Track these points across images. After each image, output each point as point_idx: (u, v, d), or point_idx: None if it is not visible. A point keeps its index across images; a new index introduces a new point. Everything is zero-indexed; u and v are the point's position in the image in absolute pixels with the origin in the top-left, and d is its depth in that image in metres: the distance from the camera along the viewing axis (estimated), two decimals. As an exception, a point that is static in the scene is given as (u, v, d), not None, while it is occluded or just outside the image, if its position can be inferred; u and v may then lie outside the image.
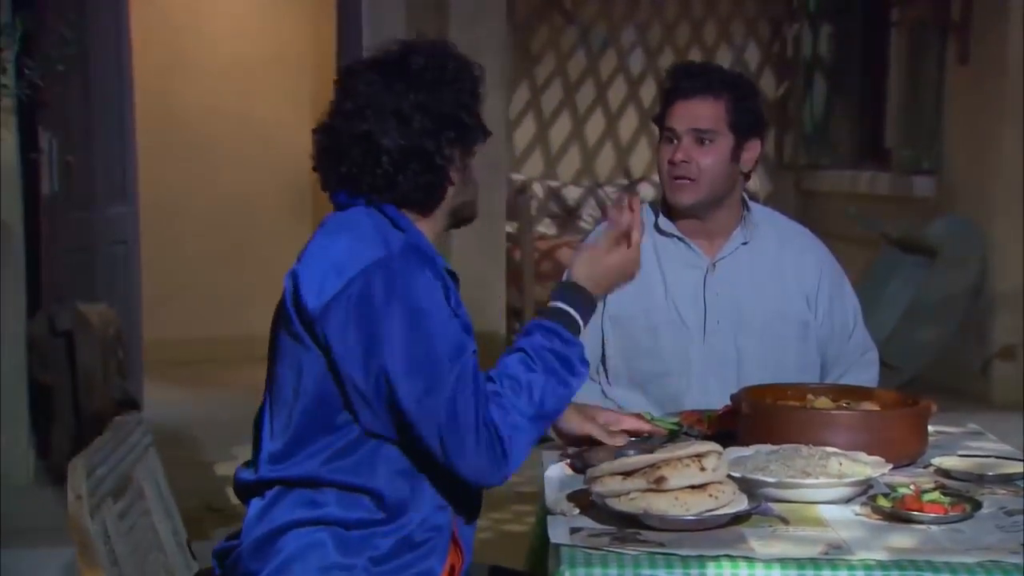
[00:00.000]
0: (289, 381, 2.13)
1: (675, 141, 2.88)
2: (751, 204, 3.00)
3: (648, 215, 3.02)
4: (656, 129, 3.00)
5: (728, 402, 2.56)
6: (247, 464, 2.23)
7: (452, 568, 2.17)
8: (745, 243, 2.94)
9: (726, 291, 2.90)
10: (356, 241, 2.11)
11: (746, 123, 2.87)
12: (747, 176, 2.96)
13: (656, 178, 7.99)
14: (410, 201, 2.18)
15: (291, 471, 2.12)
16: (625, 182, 8.21)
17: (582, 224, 8.01)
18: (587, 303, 2.22)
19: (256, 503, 2.17)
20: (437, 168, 2.16)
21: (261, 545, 2.12)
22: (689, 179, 2.86)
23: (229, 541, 2.23)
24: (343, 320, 2.05)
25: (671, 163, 2.88)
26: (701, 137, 2.85)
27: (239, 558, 2.16)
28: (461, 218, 2.27)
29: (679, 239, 2.94)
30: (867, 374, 2.98)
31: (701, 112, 2.85)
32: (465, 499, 2.19)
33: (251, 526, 2.16)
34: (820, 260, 3.00)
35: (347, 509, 2.10)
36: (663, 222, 2.97)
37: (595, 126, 8.21)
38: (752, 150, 2.91)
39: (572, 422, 2.49)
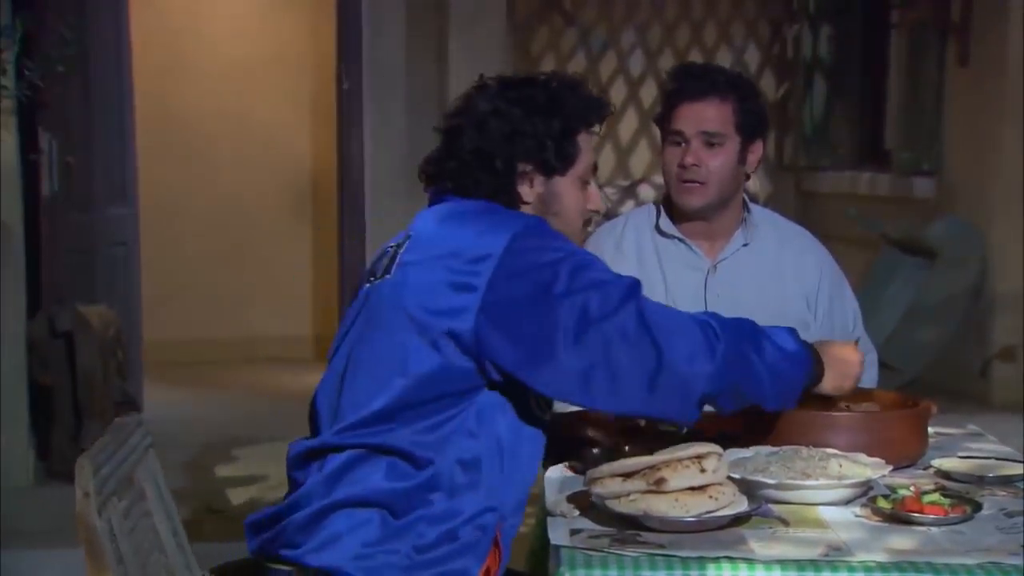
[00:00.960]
0: (384, 359, 2.13)
1: (683, 144, 2.87)
2: (751, 205, 3.00)
3: (649, 215, 3.02)
4: (659, 132, 2.99)
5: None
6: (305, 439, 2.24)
7: (488, 570, 2.17)
8: (746, 244, 2.95)
9: (727, 292, 2.90)
10: (479, 219, 2.18)
11: (751, 124, 2.88)
12: (747, 177, 2.96)
13: (656, 179, 8.04)
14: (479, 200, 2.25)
15: (369, 439, 2.13)
16: (625, 183, 8.22)
17: (582, 225, 8.00)
18: (818, 364, 2.27)
19: (316, 474, 2.16)
20: (496, 172, 2.23)
21: (312, 520, 2.13)
22: (699, 182, 2.86)
23: (273, 508, 2.22)
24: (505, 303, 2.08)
25: (681, 166, 2.87)
26: (710, 140, 2.85)
27: (286, 528, 2.16)
28: None
29: (680, 240, 2.94)
30: (867, 375, 2.98)
31: (709, 114, 2.85)
32: (516, 502, 2.21)
33: (309, 496, 2.15)
34: (820, 261, 3.00)
35: (401, 479, 2.11)
36: (664, 223, 2.97)
37: (594, 127, 8.21)
38: (756, 151, 2.91)
39: (570, 423, 2.49)
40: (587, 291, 2.06)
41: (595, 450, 2.39)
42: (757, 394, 2.17)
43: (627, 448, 2.38)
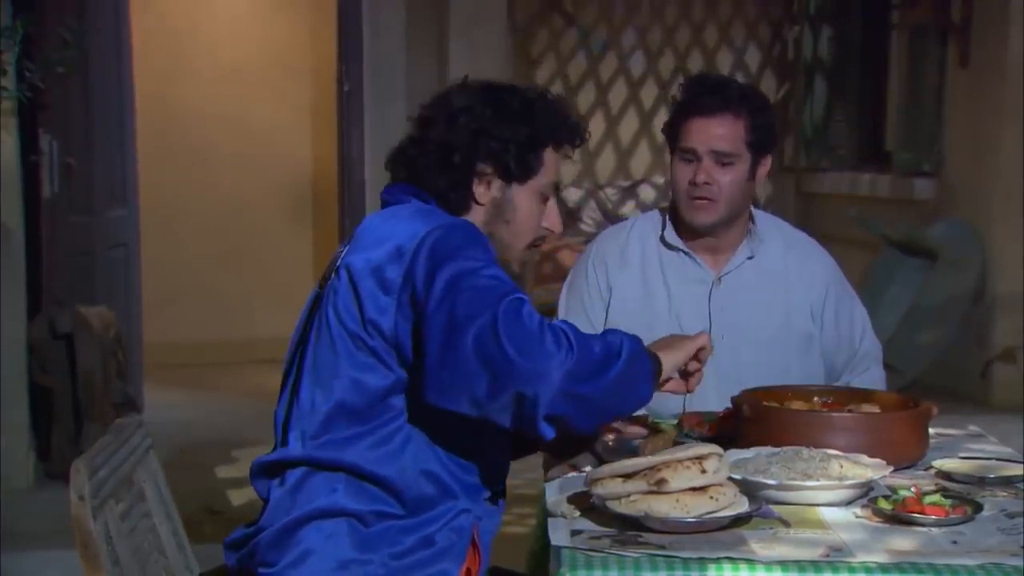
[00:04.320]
0: (326, 368, 2.14)
1: (694, 161, 2.84)
2: (756, 214, 2.98)
3: (655, 224, 3.00)
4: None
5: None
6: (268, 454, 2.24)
7: (468, 571, 2.17)
8: (751, 257, 2.93)
9: (731, 306, 2.88)
10: (411, 220, 2.16)
11: (762, 141, 2.85)
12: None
13: (656, 180, 8.04)
14: (432, 193, 2.24)
15: (321, 453, 2.13)
16: (625, 184, 8.22)
17: (582, 226, 8.01)
18: (656, 362, 2.17)
19: (277, 490, 2.17)
20: (453, 167, 2.22)
21: (281, 536, 2.13)
22: (711, 199, 2.84)
23: (245, 529, 2.23)
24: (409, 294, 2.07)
25: (692, 184, 2.84)
26: (722, 159, 2.82)
27: (257, 547, 2.16)
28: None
29: (685, 253, 2.93)
30: (874, 375, 2.98)
31: (722, 132, 2.81)
32: (490, 502, 2.20)
33: (273, 514, 2.16)
34: (826, 271, 2.98)
35: (367, 501, 2.11)
36: (670, 234, 2.95)
37: (595, 128, 8.21)
38: (766, 165, 2.89)
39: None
40: (459, 295, 2.02)
41: (610, 439, 2.38)
42: (606, 407, 2.07)
43: (648, 436, 2.36)
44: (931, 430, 2.52)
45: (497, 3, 6.64)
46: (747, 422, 2.45)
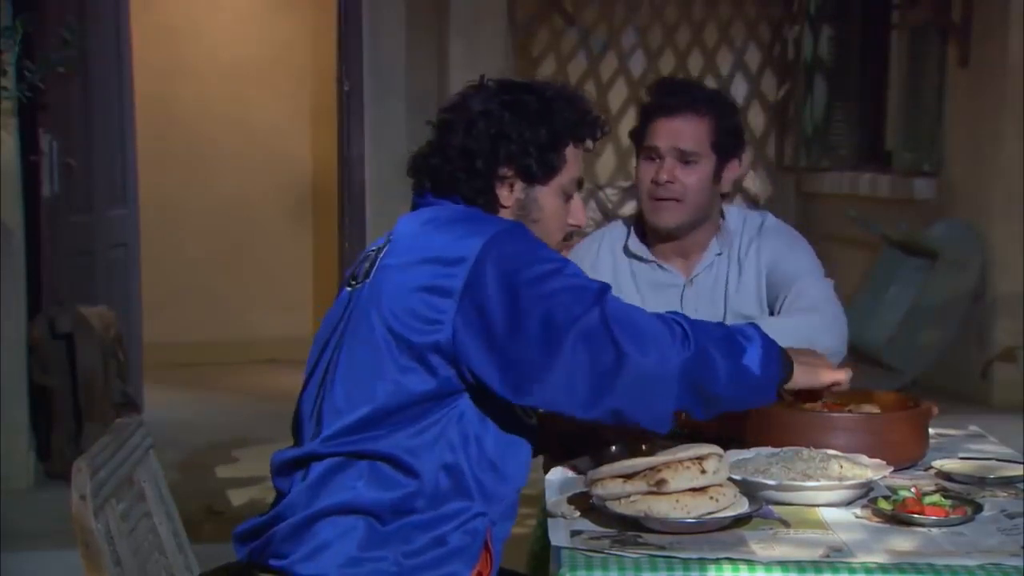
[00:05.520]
0: (365, 366, 2.13)
1: (657, 160, 2.85)
2: (727, 211, 2.98)
3: (619, 233, 3.00)
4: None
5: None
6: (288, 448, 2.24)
7: (479, 575, 2.17)
8: (720, 254, 2.94)
9: (704, 305, 2.89)
10: (456, 224, 2.17)
11: (728, 144, 2.86)
12: (724, 196, 2.95)
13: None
14: (461, 198, 2.24)
15: (350, 447, 2.12)
16: (625, 184, 8.21)
17: (582, 226, 8.00)
18: (788, 361, 2.23)
19: (299, 484, 2.16)
20: (476, 172, 2.23)
21: (297, 529, 2.13)
22: (674, 199, 2.84)
23: (258, 518, 2.22)
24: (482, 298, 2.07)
25: (655, 183, 2.85)
26: (685, 158, 2.83)
27: (271, 539, 2.16)
28: None
29: (654, 263, 2.94)
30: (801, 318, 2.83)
31: (685, 131, 2.82)
32: (506, 505, 2.20)
33: (292, 506, 2.16)
34: (786, 244, 2.94)
35: (387, 490, 2.11)
36: (633, 243, 2.95)
37: (595, 128, 8.19)
38: (732, 170, 2.89)
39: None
40: (554, 296, 2.05)
41: (612, 448, 2.38)
42: (728, 397, 2.12)
43: (644, 447, 2.37)
44: (931, 430, 2.52)
45: (497, 3, 6.63)
46: (747, 422, 2.45)
